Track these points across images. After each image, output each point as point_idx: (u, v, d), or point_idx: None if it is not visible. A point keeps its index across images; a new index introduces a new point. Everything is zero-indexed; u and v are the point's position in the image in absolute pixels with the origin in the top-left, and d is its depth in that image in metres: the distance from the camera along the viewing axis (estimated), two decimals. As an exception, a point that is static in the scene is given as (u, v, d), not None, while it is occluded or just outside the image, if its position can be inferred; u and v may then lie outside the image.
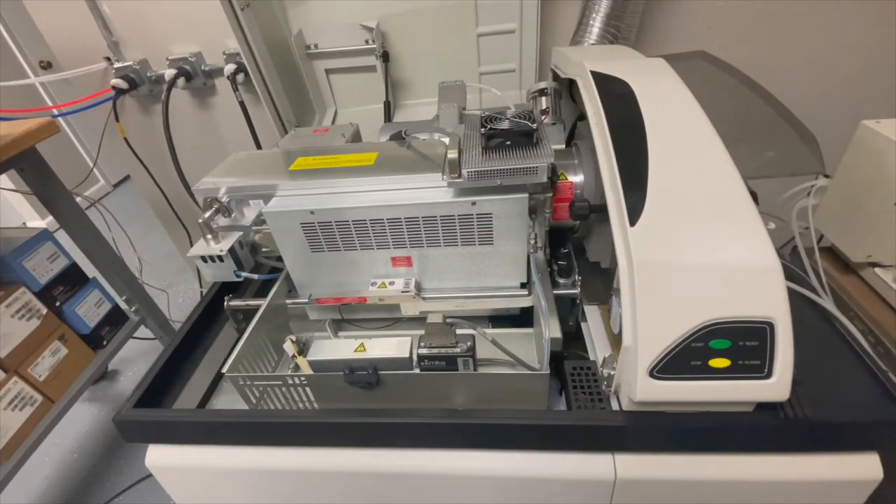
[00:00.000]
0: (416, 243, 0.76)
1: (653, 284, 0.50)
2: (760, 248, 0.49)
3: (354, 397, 0.66)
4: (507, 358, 0.66)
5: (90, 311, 1.36)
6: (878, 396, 0.57)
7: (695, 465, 0.58)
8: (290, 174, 0.80)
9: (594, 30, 1.10)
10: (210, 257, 0.79)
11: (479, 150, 0.69)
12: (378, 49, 1.18)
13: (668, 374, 0.50)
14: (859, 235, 0.75)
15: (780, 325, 0.48)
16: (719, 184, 0.53)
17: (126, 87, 1.44)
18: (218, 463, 0.69)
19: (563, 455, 0.61)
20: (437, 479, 0.64)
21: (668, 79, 0.64)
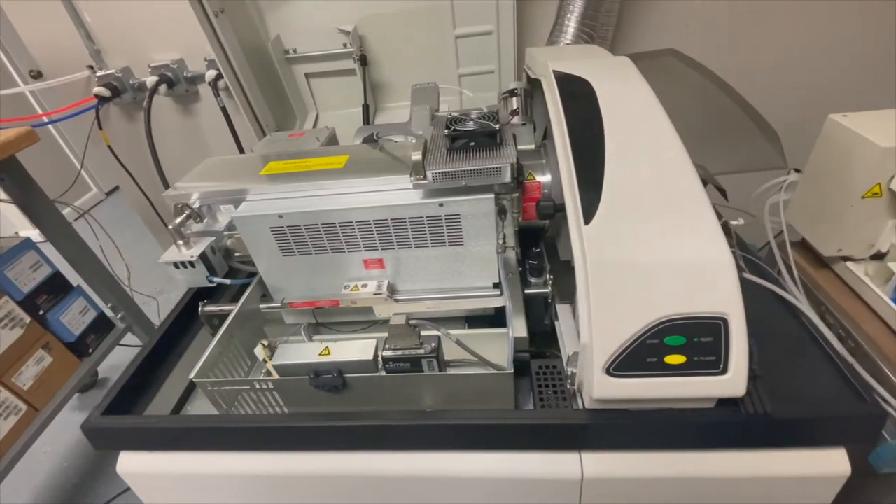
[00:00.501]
0: (386, 245, 0.76)
1: (606, 282, 0.50)
2: (713, 245, 0.49)
3: (323, 401, 0.66)
4: (483, 359, 0.66)
5: (75, 320, 1.36)
6: (843, 391, 0.57)
7: (661, 462, 0.58)
8: (260, 178, 0.80)
9: (569, 30, 1.11)
10: (182, 263, 0.80)
11: (444, 152, 0.69)
12: (356, 52, 1.18)
13: (625, 372, 0.50)
14: (829, 229, 0.75)
15: (733, 320, 0.48)
16: (675, 182, 0.53)
17: (109, 94, 1.45)
18: (190, 469, 0.69)
19: (530, 454, 0.61)
20: (406, 482, 0.64)
21: (630, 78, 0.65)
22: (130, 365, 0.75)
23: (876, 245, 0.73)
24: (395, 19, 1.21)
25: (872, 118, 0.70)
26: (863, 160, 0.67)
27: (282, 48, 1.22)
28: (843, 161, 0.70)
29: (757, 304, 0.69)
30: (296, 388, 0.64)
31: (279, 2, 1.20)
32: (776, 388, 0.58)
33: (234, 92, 1.08)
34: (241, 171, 0.84)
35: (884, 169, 0.66)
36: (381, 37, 1.26)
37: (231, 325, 0.76)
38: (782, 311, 0.68)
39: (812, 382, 0.59)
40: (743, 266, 0.72)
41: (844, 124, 0.70)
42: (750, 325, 0.64)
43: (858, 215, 0.70)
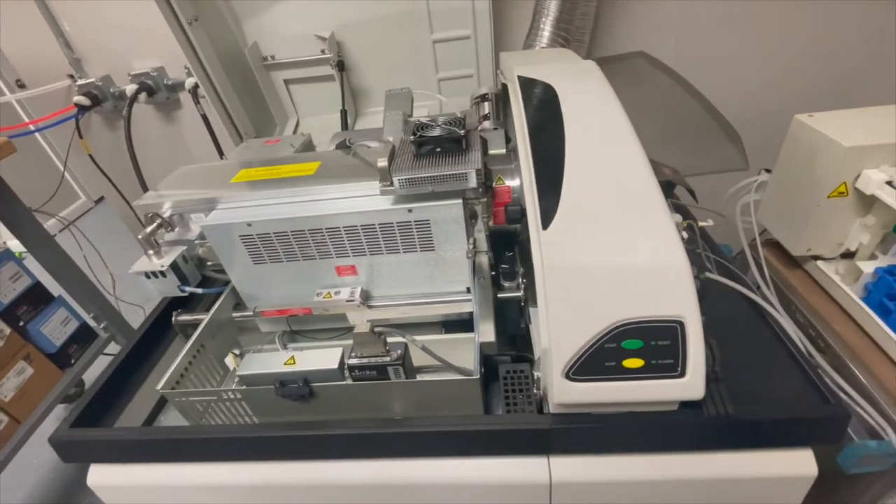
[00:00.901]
0: (358, 252, 0.76)
1: (563, 286, 0.50)
2: (669, 249, 0.49)
3: (292, 410, 0.65)
4: (449, 364, 0.66)
5: (56, 330, 1.35)
6: (808, 392, 0.58)
7: (628, 465, 0.58)
8: (231, 186, 0.80)
9: (545, 33, 1.11)
10: (152, 273, 0.79)
11: (411, 158, 0.69)
12: (333, 58, 1.18)
13: (584, 376, 0.50)
14: (797, 229, 0.75)
15: (689, 323, 0.48)
16: (633, 187, 0.53)
17: (89, 103, 1.44)
18: (160, 481, 0.68)
19: (499, 460, 0.61)
20: (376, 490, 0.64)
21: (594, 83, 0.65)
22: (101, 376, 0.75)
23: (845, 244, 0.73)
24: (373, 25, 1.22)
25: (837, 118, 0.71)
26: (828, 160, 0.67)
27: (260, 55, 1.22)
28: (809, 161, 0.71)
29: (726, 305, 0.70)
30: (263, 397, 0.64)
31: (257, 9, 1.20)
32: (740, 390, 0.58)
33: (210, 99, 1.08)
34: (213, 180, 0.84)
35: (848, 168, 0.66)
36: (359, 43, 1.26)
37: (201, 335, 0.75)
38: (751, 312, 0.68)
39: (777, 383, 0.59)
40: (710, 267, 0.72)
41: (810, 124, 0.70)
42: (717, 327, 0.65)
43: (825, 215, 0.71)
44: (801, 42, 1.29)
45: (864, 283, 0.71)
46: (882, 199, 0.64)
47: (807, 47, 1.30)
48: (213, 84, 1.08)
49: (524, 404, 0.64)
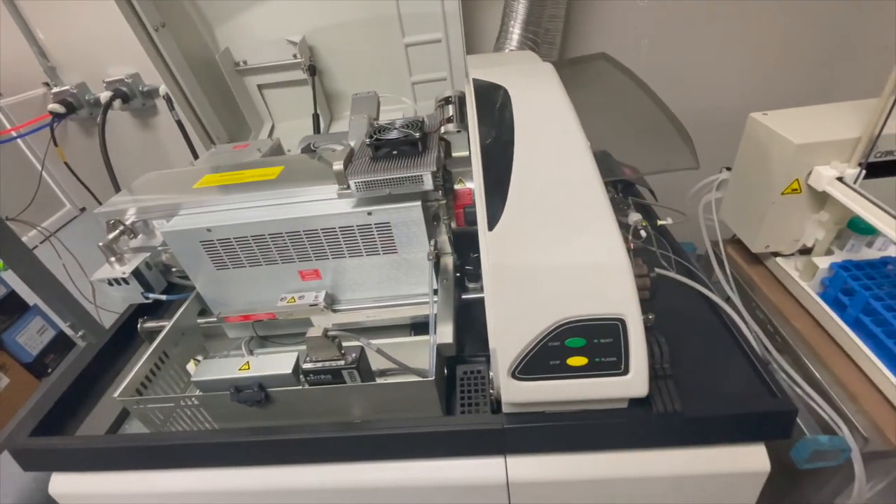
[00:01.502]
0: (320, 256, 0.76)
1: (507, 286, 0.50)
2: (610, 248, 0.49)
3: (251, 416, 0.65)
4: (406, 366, 0.66)
5: (32, 339, 1.34)
6: (757, 387, 0.58)
7: (583, 463, 0.58)
8: (194, 192, 0.80)
9: (514, 36, 1.12)
10: (115, 280, 0.79)
11: (368, 161, 0.69)
12: (304, 63, 1.18)
13: (530, 375, 0.50)
14: (755, 226, 0.76)
15: (630, 320, 0.48)
16: (578, 187, 0.54)
17: (64, 111, 1.43)
18: (121, 489, 0.68)
19: (457, 461, 0.61)
20: (335, 494, 0.63)
21: (545, 84, 0.65)
22: (61, 384, 0.74)
23: (801, 240, 0.74)
24: (345, 29, 1.22)
25: (790, 116, 0.72)
26: (780, 157, 0.68)
27: (232, 60, 1.22)
28: (763, 159, 0.72)
29: (684, 303, 0.70)
30: (219, 403, 0.63)
31: (228, 14, 1.20)
32: (691, 387, 0.59)
33: (180, 105, 1.08)
34: (177, 186, 0.84)
35: (800, 165, 0.67)
36: (332, 47, 1.26)
37: (163, 342, 0.75)
38: (707, 309, 0.69)
39: (728, 379, 0.59)
40: (666, 265, 0.72)
41: (763, 122, 0.71)
42: (672, 324, 0.65)
43: (780, 211, 0.71)
44: (772, 42, 1.30)
45: (820, 279, 0.72)
46: (833, 195, 0.65)
47: (778, 48, 1.31)
48: (182, 90, 1.08)
49: (484, 404, 0.64)
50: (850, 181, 0.64)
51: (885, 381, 0.60)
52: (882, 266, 0.69)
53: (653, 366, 0.56)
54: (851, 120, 0.66)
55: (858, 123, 0.65)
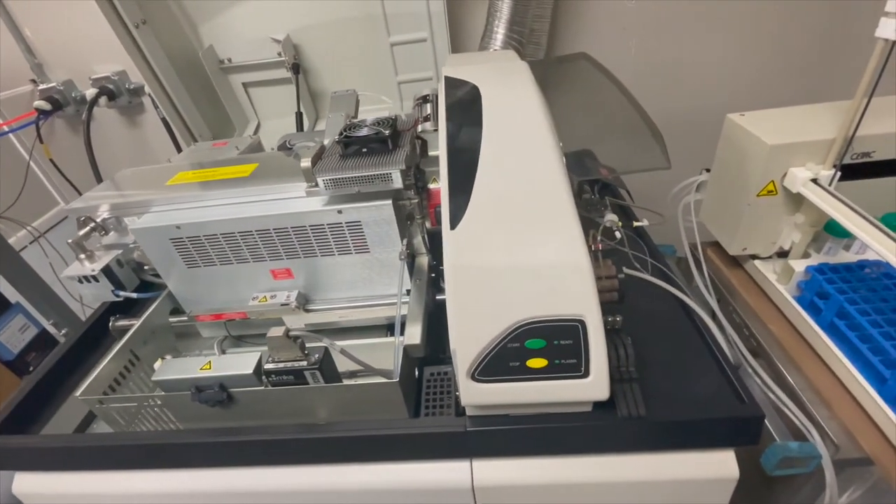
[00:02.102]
0: (291, 254, 0.75)
1: (467, 286, 0.49)
2: (571, 248, 0.48)
3: (215, 417, 0.64)
4: (371, 367, 0.65)
5: (13, 337, 1.33)
6: (726, 392, 0.57)
7: (548, 467, 0.57)
8: (166, 189, 0.79)
9: (498, 36, 1.11)
10: (84, 278, 0.78)
11: (338, 158, 0.68)
12: (288, 61, 1.17)
13: (489, 377, 0.49)
14: (732, 229, 0.75)
15: (590, 322, 0.47)
16: (542, 188, 0.52)
17: (49, 108, 1.43)
18: (84, 489, 0.66)
19: (423, 464, 0.60)
20: (298, 496, 0.62)
21: (517, 82, 0.64)
22: (27, 383, 0.73)
23: (777, 242, 0.73)
24: (330, 28, 1.21)
25: (766, 117, 0.71)
26: (755, 158, 0.67)
27: (216, 58, 1.21)
28: (740, 160, 0.71)
29: (658, 305, 0.69)
30: (182, 404, 0.62)
31: (213, 12, 1.19)
32: (659, 390, 0.58)
33: (161, 102, 1.07)
34: (150, 182, 0.83)
35: (775, 166, 0.66)
36: (318, 46, 1.25)
37: (131, 340, 0.74)
38: (681, 312, 0.68)
39: (698, 384, 0.58)
40: (639, 266, 0.71)
41: (740, 123, 0.70)
42: (643, 327, 0.64)
43: (756, 214, 0.70)
44: (761, 44, 1.30)
45: (796, 282, 0.71)
46: (807, 196, 0.64)
47: (768, 49, 1.31)
48: (163, 87, 1.07)
49: (445, 407, 0.63)
50: (824, 183, 0.63)
51: (858, 386, 0.59)
52: (859, 269, 0.68)
53: (618, 368, 0.55)
54: (828, 121, 0.65)
55: (835, 125, 0.64)
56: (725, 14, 1.27)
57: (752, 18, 1.27)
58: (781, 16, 1.26)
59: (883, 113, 0.65)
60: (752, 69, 1.32)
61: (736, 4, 1.25)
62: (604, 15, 1.29)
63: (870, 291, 0.64)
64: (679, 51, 1.32)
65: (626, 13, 1.29)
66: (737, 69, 1.33)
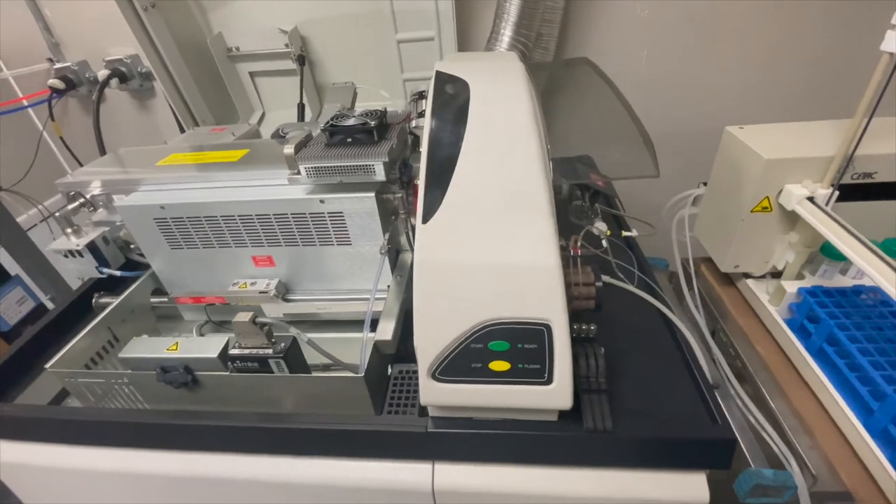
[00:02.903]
0: (273, 242, 0.74)
1: (433, 282, 0.48)
2: (542, 250, 0.47)
3: (180, 399, 0.64)
4: (338, 361, 0.64)
5: (10, 309, 1.35)
6: (700, 413, 0.54)
7: (511, 476, 0.55)
8: (155, 169, 0.79)
9: (504, 38, 1.10)
10: (70, 252, 0.78)
11: (322, 147, 0.68)
12: (294, 52, 1.18)
13: (450, 377, 0.48)
14: (725, 245, 0.72)
15: (556, 327, 0.46)
16: (520, 188, 0.51)
17: (63, 87, 1.46)
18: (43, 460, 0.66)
19: (383, 463, 0.58)
20: (258, 487, 0.61)
21: (509, 81, 0.63)
22: (7, 351, 0.74)
23: (770, 261, 0.70)
24: (338, 22, 1.22)
25: (765, 131, 0.68)
26: (750, 173, 0.65)
27: (224, 45, 1.22)
28: (735, 174, 0.68)
29: (640, 318, 0.67)
30: (148, 383, 0.62)
31: (224, 0, 1.20)
32: (631, 405, 0.56)
33: (165, 86, 1.08)
34: (142, 162, 0.84)
35: (770, 182, 0.64)
36: (325, 39, 1.26)
37: (109, 317, 0.74)
38: (664, 327, 0.66)
39: (672, 401, 0.56)
40: (623, 277, 0.69)
41: (737, 136, 0.68)
42: (623, 340, 0.62)
43: (749, 230, 0.68)
44: (776, 58, 1.26)
45: (788, 304, 0.68)
46: (802, 215, 0.61)
47: (783, 63, 1.28)
48: (168, 72, 1.08)
49: (409, 407, 0.61)
50: (820, 202, 0.61)
51: (843, 417, 0.56)
52: (854, 295, 0.65)
53: (587, 378, 0.53)
54: (830, 138, 0.62)
55: (836, 142, 0.61)
56: (741, 26, 1.24)
57: (767, 32, 1.24)
58: (799, 30, 1.22)
59: (889, 133, 0.63)
60: (766, 83, 1.29)
61: (752, 17, 1.22)
62: (616, 23, 1.27)
63: (863, 318, 0.61)
64: (691, 62, 1.30)
65: (638, 22, 1.27)
66: (749, 82, 1.30)
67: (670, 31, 1.27)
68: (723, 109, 1.31)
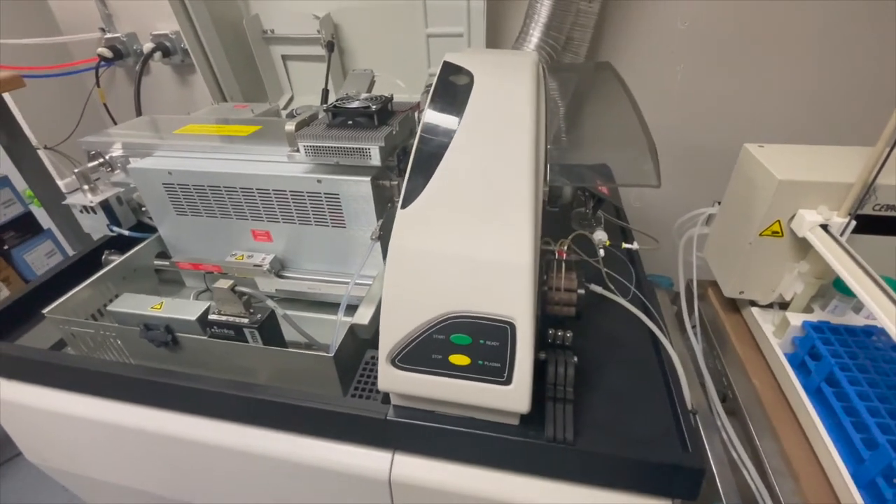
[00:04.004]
0: (271, 217, 0.76)
1: (403, 269, 0.47)
2: (516, 247, 0.45)
3: (162, 358, 0.66)
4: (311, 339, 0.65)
5: (39, 260, 1.42)
6: (673, 439, 0.52)
7: (467, 477, 0.54)
8: (171, 137, 0.82)
9: (533, 39, 1.08)
10: (85, 207, 0.82)
11: (324, 127, 0.68)
12: (323, 38, 1.20)
13: (409, 365, 0.47)
14: (730, 268, 0.69)
15: (520, 327, 0.44)
16: (505, 183, 0.50)
17: (111, 55, 1.53)
18: (28, 400, 0.68)
19: (344, 446, 0.58)
20: (222, 453, 0.62)
21: (516, 78, 0.62)
22: (12, 295, 0.78)
23: (777, 290, 0.66)
24: (370, 12, 1.23)
25: (786, 151, 0.64)
26: (763, 193, 0.61)
27: (260, 27, 1.26)
28: (747, 194, 0.65)
29: (630, 333, 0.64)
30: (133, 338, 0.64)
31: (262, -19, 1.24)
32: (599, 420, 0.54)
33: (197, 61, 1.12)
34: (162, 130, 0.87)
35: (783, 205, 0.60)
36: (356, 27, 1.27)
37: (111, 272, 0.77)
38: (651, 345, 0.62)
39: (644, 422, 0.53)
40: (613, 288, 0.66)
41: (754, 154, 0.64)
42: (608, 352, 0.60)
43: (757, 255, 0.64)
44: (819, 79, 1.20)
45: (791, 337, 0.64)
46: (812, 243, 0.57)
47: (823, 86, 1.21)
48: (202, 46, 1.12)
49: (374, 393, 0.61)
50: (835, 231, 0.56)
51: (831, 463, 0.52)
52: (865, 336, 0.60)
53: (554, 385, 0.51)
54: (853, 164, 0.58)
55: (860, 168, 0.57)
56: (784, 46, 1.18)
57: (813, 54, 1.17)
58: (846, 54, 1.15)
59: (921, 165, 0.58)
60: (809, 107, 1.22)
61: (799, 36, 1.16)
62: (653, 35, 1.23)
63: (870, 361, 0.56)
64: (728, 80, 1.24)
65: (676, 36, 1.22)
66: (787, 105, 1.23)
67: (709, 48, 1.22)
68: (758, 129, 1.25)
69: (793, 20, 1.14)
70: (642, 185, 0.59)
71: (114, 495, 0.83)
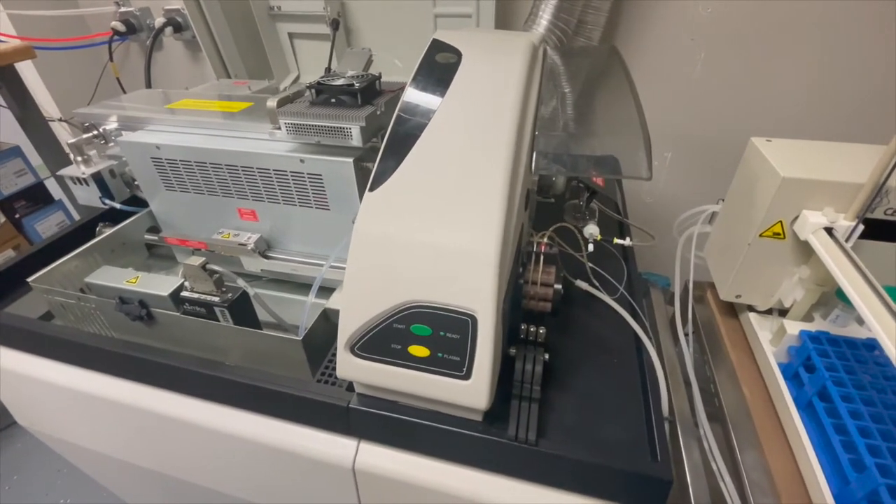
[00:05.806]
0: (256, 196, 0.75)
1: (365, 253, 0.45)
2: (482, 237, 0.43)
3: (137, 332, 0.66)
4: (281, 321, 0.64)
5: (50, 230, 1.46)
6: (643, 447, 0.49)
7: (428, 470, 0.53)
8: (163, 111, 0.81)
9: (542, 21, 1.03)
10: (77, 179, 0.82)
11: (307, 105, 0.66)
12: (328, 16, 1.17)
13: (368, 353, 0.46)
14: (727, 270, 0.65)
15: (482, 320, 0.42)
16: (479, 169, 0.47)
17: (124, 30, 1.54)
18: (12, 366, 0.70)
19: (309, 430, 0.57)
20: (190, 429, 0.62)
21: (506, 59, 0.59)
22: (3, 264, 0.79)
23: (777, 295, 0.62)
24: (378, -11, 1.20)
25: (793, 147, 0.60)
26: (765, 191, 0.57)
27: (266, 3, 1.24)
28: (750, 191, 0.60)
29: (612, 333, 0.62)
30: (110, 311, 0.64)
31: (271, -43, 1.21)
32: (566, 421, 0.51)
33: (200, 37, 1.11)
34: (157, 104, 0.86)
35: (786, 205, 0.56)
36: (363, 5, 1.24)
37: (99, 244, 0.78)
38: (634, 346, 0.60)
39: (614, 426, 0.51)
40: (597, 284, 0.63)
41: (760, 149, 0.60)
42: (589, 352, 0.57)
43: (755, 256, 0.60)
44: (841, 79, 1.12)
45: (787, 346, 0.60)
46: (813, 246, 0.53)
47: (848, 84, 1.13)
48: (206, 21, 1.11)
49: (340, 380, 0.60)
50: (840, 235, 0.52)
51: (814, 483, 0.48)
52: (866, 350, 0.56)
53: (521, 383, 0.49)
54: (866, 163, 0.53)
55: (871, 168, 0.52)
56: (815, 36, 1.10)
57: (838, 51, 1.10)
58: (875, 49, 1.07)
59: (944, 168, 0.52)
60: (830, 104, 1.15)
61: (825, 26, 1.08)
62: (672, 20, 1.17)
63: (869, 376, 0.52)
64: (752, 71, 1.18)
65: (697, 22, 1.16)
66: (812, 101, 1.16)
67: (732, 35, 1.15)
68: (781, 124, 1.18)
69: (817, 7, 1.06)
70: (631, 178, 0.55)
71: (97, 461, 0.85)
